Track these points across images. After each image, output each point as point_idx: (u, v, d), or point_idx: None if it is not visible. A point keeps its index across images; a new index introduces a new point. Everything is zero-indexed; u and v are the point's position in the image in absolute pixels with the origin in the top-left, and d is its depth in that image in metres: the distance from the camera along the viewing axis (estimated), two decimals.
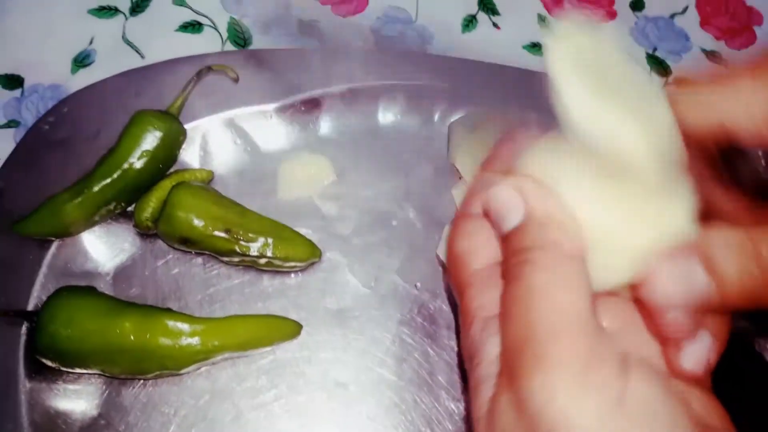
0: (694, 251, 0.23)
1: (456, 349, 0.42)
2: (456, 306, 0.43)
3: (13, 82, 0.50)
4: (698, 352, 0.24)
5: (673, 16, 0.56)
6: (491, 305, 0.26)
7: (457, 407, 0.40)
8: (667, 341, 0.24)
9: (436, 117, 0.49)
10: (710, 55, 0.55)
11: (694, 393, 0.24)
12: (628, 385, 0.22)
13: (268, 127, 0.47)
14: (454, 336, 0.42)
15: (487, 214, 0.27)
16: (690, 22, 0.56)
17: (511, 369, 0.23)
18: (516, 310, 0.23)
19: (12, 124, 0.49)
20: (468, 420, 0.39)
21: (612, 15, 0.55)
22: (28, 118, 0.49)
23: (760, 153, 0.25)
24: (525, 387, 0.22)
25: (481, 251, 0.27)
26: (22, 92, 0.50)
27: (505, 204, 0.25)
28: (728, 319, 0.25)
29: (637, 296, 0.25)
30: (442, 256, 0.44)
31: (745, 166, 0.26)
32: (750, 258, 0.22)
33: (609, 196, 0.24)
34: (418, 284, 0.44)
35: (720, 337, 0.25)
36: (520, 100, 0.48)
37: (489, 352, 0.25)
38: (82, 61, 0.51)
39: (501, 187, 0.26)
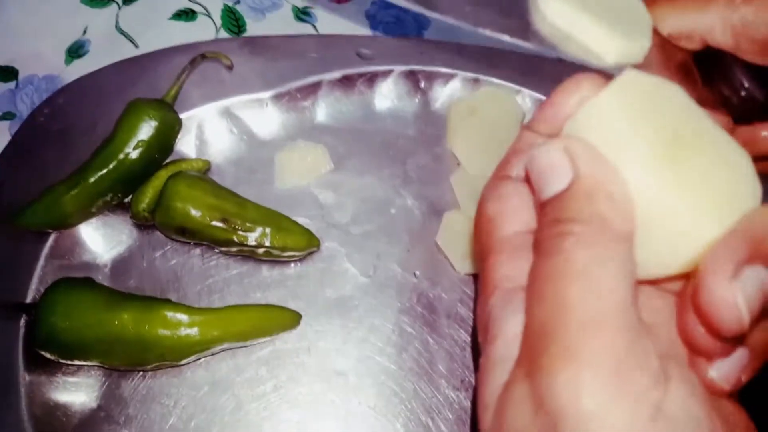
0: (755, 251, 0.20)
1: (455, 337, 0.42)
2: (460, 294, 0.43)
3: (8, 74, 0.50)
4: (732, 367, 0.21)
5: None
6: (518, 276, 0.23)
7: (457, 396, 0.40)
8: (698, 349, 0.21)
9: (434, 103, 0.48)
10: None
11: (724, 404, 0.21)
12: (667, 396, 0.19)
13: (264, 115, 0.47)
14: (453, 324, 0.42)
15: (527, 178, 0.24)
16: None
17: (533, 357, 0.20)
18: (549, 289, 0.21)
19: (7, 116, 0.49)
20: (473, 406, 0.39)
21: None
22: (24, 110, 0.49)
23: (738, 70, 0.26)
24: (548, 381, 0.19)
25: (513, 216, 0.25)
26: (17, 84, 0.50)
27: (551, 166, 0.22)
28: None
29: (683, 291, 0.22)
30: (441, 244, 0.43)
31: (725, 82, 0.26)
32: None
33: (668, 171, 0.21)
34: (417, 272, 0.43)
35: (759, 351, 0.22)
36: (521, 83, 0.48)
37: (508, 330, 0.22)
38: (76, 51, 0.51)
39: (547, 146, 0.23)
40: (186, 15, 0.52)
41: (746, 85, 0.26)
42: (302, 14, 0.53)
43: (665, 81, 0.22)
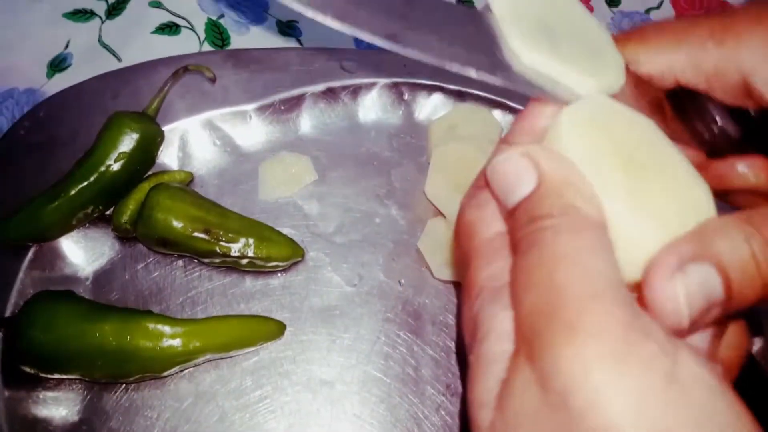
0: (701, 250, 0.20)
1: (440, 344, 0.42)
2: (442, 299, 0.43)
3: None
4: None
5: (648, 11, 0.57)
6: (502, 275, 0.23)
7: (443, 401, 0.40)
8: None
9: (417, 114, 0.49)
10: None
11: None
12: (678, 364, 0.19)
13: (247, 127, 0.47)
14: (438, 331, 0.42)
15: (489, 188, 0.25)
16: (665, 16, 0.56)
17: (531, 342, 0.20)
18: (536, 275, 0.20)
19: None
20: (461, 411, 0.39)
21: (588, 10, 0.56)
22: (4, 124, 0.48)
23: (710, 107, 0.26)
24: (552, 360, 0.19)
25: (492, 220, 0.25)
26: None
27: (515, 172, 0.23)
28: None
29: (640, 296, 0.22)
30: (422, 249, 0.44)
31: (697, 118, 0.26)
32: (762, 248, 0.20)
33: (622, 186, 0.22)
34: (402, 281, 0.44)
35: (727, 369, 0.22)
36: (502, 96, 0.49)
37: (498, 326, 0.22)
38: (58, 65, 0.51)
39: (508, 154, 0.23)
40: (169, 29, 0.52)
41: (719, 121, 0.26)
42: (287, 28, 0.54)
43: (626, 106, 0.24)
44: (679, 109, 0.27)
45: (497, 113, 0.48)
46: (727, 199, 0.28)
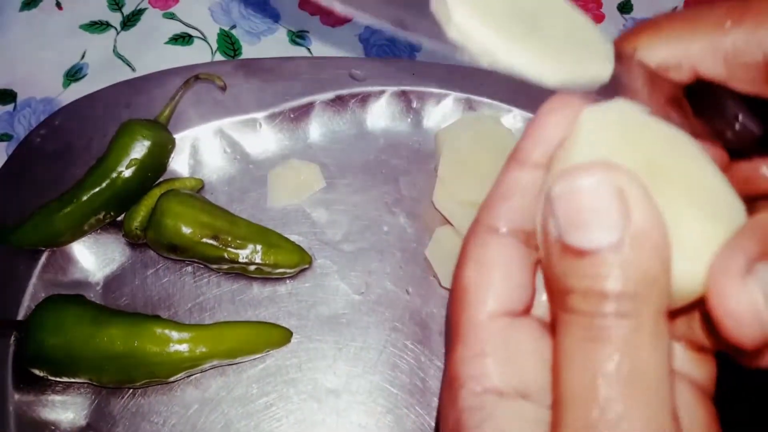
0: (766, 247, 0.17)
1: None
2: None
3: (6, 96, 0.51)
4: None
5: None
6: (501, 378, 0.18)
7: None
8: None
9: (426, 122, 0.49)
10: None
11: None
12: None
13: (257, 135, 0.47)
14: (445, 342, 0.42)
15: (511, 230, 0.19)
16: None
17: None
18: (603, 389, 0.16)
19: (4, 138, 0.49)
20: None
21: (600, 18, 0.56)
22: (21, 132, 0.49)
23: (731, 102, 0.24)
24: None
25: (493, 290, 0.20)
26: (15, 106, 0.50)
27: (595, 208, 0.17)
28: None
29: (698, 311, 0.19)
30: (430, 257, 0.43)
31: (717, 115, 0.25)
32: None
33: (656, 193, 0.18)
34: (410, 289, 0.43)
35: None
36: (512, 103, 0.49)
37: None
38: (74, 75, 0.52)
39: (591, 177, 0.17)
40: (183, 39, 0.53)
41: (740, 118, 0.24)
42: (297, 38, 0.54)
43: (645, 110, 0.21)
44: (698, 105, 0.26)
45: (507, 121, 0.48)
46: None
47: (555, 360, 0.17)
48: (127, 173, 0.42)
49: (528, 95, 0.49)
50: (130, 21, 0.54)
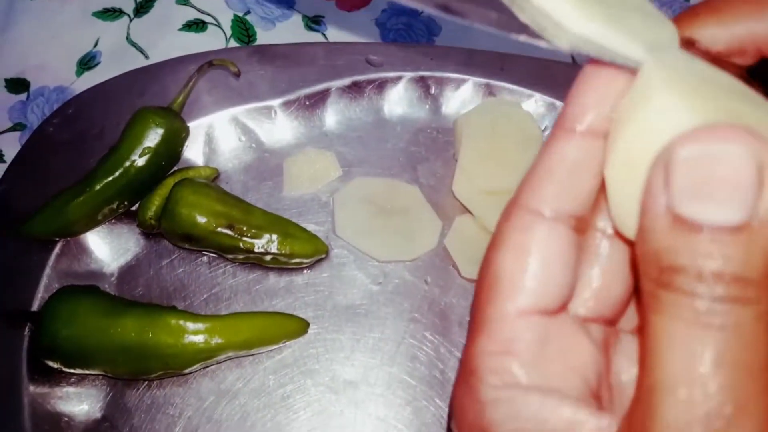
0: None
1: None
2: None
3: (19, 85, 0.50)
4: None
5: None
6: (513, 371, 0.17)
7: None
8: None
9: (445, 108, 0.47)
10: None
11: None
12: None
13: (272, 122, 0.46)
14: (466, 333, 0.41)
15: (558, 214, 0.18)
16: None
17: None
18: (716, 379, 0.14)
19: (18, 127, 0.49)
20: None
21: None
22: (34, 121, 0.49)
23: None
24: None
25: (533, 285, 0.18)
26: (28, 95, 0.50)
27: (727, 178, 0.15)
28: None
29: None
30: (449, 247, 0.42)
31: None
32: None
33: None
34: (428, 279, 0.42)
35: None
36: (532, 87, 0.47)
37: None
38: (87, 63, 0.51)
39: (727, 142, 0.15)
40: (196, 26, 0.52)
41: None
42: (312, 23, 0.53)
43: (710, 64, 0.20)
44: (763, 87, 0.24)
45: (528, 106, 0.47)
46: None
47: (647, 342, 0.16)
48: (141, 162, 0.41)
49: (550, 79, 0.47)
50: (143, 8, 0.53)
